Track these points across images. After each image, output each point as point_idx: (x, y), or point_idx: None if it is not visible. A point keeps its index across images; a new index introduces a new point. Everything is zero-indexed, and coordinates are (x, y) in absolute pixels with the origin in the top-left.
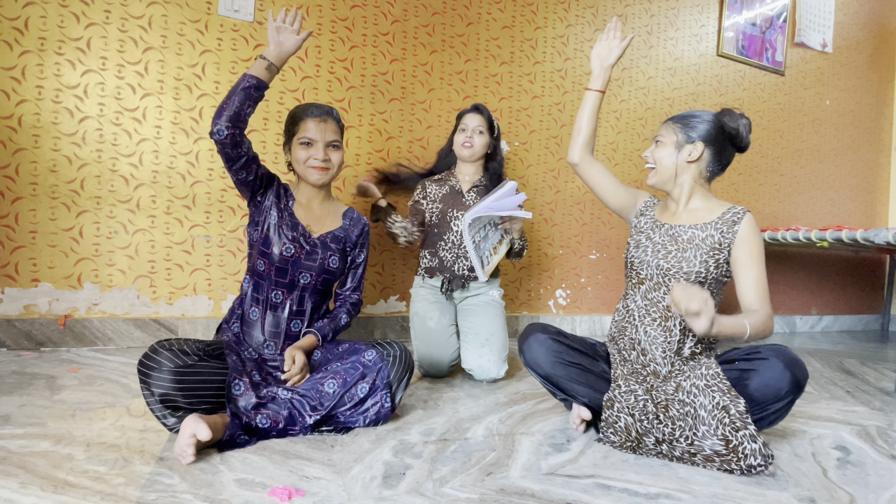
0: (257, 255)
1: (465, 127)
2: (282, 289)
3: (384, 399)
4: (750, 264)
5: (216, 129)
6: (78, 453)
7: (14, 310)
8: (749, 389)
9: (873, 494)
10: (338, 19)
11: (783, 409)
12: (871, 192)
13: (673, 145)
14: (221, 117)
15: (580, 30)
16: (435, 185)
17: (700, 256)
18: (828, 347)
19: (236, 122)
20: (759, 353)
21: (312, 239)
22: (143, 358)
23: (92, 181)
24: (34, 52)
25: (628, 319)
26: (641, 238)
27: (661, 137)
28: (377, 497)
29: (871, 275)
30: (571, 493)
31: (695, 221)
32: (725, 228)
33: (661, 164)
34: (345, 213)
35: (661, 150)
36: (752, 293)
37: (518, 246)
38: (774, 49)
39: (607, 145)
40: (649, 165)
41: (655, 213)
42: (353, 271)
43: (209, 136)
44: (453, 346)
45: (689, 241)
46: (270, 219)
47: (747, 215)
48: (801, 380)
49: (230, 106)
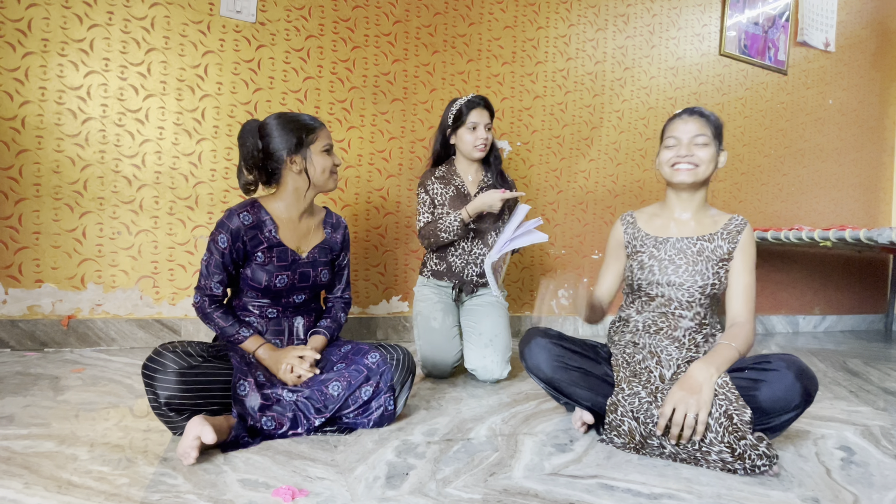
0: (246, 287)
1: (474, 125)
2: (276, 307)
3: (387, 402)
4: (743, 272)
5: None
6: (82, 454)
7: (18, 310)
8: (758, 400)
9: (877, 494)
10: (340, 20)
11: (791, 419)
12: (874, 192)
13: (714, 147)
14: (201, 317)
15: (582, 29)
16: (439, 184)
17: (712, 268)
18: (831, 347)
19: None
20: (770, 362)
21: (301, 260)
22: (147, 360)
23: (95, 182)
24: (37, 53)
25: (634, 331)
26: (644, 258)
27: (703, 138)
28: (380, 497)
29: (874, 274)
30: (575, 494)
31: (702, 232)
32: (731, 238)
33: (704, 165)
34: (324, 220)
35: (706, 151)
36: (741, 301)
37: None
38: (777, 48)
39: (609, 145)
40: (687, 165)
41: (642, 228)
42: (340, 274)
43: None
44: (457, 346)
45: (698, 253)
46: (256, 261)
47: (748, 225)
48: (811, 391)
49: (211, 327)
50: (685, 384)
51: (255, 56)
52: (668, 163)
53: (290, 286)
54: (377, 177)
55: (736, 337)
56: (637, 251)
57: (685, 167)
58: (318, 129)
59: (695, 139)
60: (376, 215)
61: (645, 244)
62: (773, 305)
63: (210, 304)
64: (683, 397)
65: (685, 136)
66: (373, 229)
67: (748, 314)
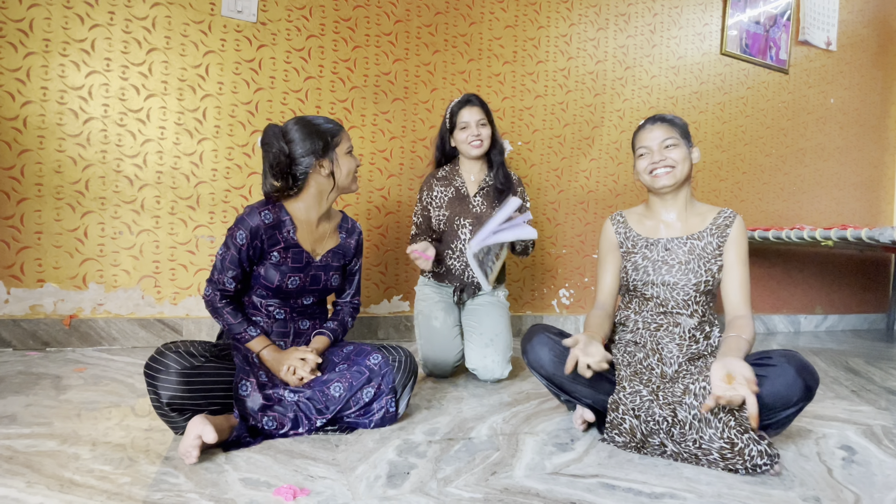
0: (257, 286)
1: (465, 124)
2: (284, 308)
3: (389, 404)
4: (736, 264)
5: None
6: (84, 453)
7: (20, 310)
8: (760, 395)
9: (879, 494)
10: (341, 19)
11: (793, 415)
12: (875, 191)
13: (684, 146)
14: (210, 310)
15: (583, 29)
16: (440, 185)
17: (704, 266)
18: (833, 346)
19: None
20: (770, 358)
21: (315, 263)
22: (149, 360)
23: (97, 182)
24: (39, 53)
25: (633, 330)
26: (637, 259)
27: (671, 140)
28: (381, 496)
29: (875, 273)
30: (576, 493)
31: (690, 231)
32: (720, 233)
33: (680, 165)
34: (340, 224)
35: (678, 151)
36: (737, 293)
37: (520, 246)
38: (778, 47)
39: (611, 144)
40: (664, 168)
41: (633, 228)
42: (351, 279)
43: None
44: (458, 346)
45: (689, 251)
46: (270, 260)
47: (738, 218)
48: (812, 387)
49: (219, 322)
50: (722, 369)
51: (256, 56)
52: (646, 171)
53: (301, 288)
54: (378, 176)
55: (743, 328)
56: (630, 251)
57: (663, 171)
58: (341, 131)
59: (664, 143)
60: (377, 214)
61: (637, 244)
62: (774, 305)
63: (221, 298)
64: (729, 363)
65: (654, 142)
66: (374, 229)
67: (746, 307)
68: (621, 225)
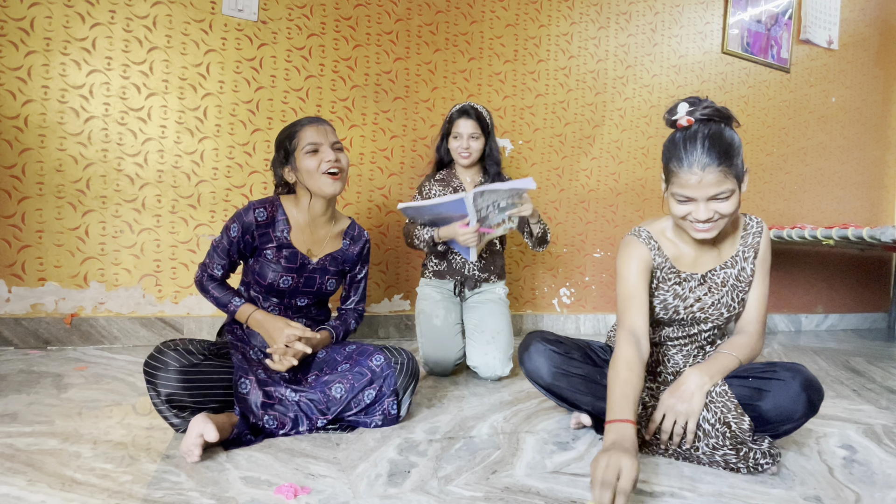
0: (252, 281)
1: (458, 134)
2: (280, 307)
3: (391, 406)
4: (758, 282)
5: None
6: (85, 451)
7: (21, 309)
8: (761, 409)
9: (879, 493)
10: (341, 18)
11: (794, 429)
12: (877, 190)
13: (738, 190)
14: (199, 289)
15: (584, 27)
16: (438, 186)
17: (738, 297)
18: (834, 346)
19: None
20: (776, 371)
21: (311, 265)
22: (148, 358)
23: (97, 181)
24: (40, 52)
25: None
26: (667, 297)
27: (725, 193)
28: (382, 495)
29: (877, 273)
30: (577, 492)
31: (723, 259)
32: (752, 252)
33: (729, 216)
34: (346, 231)
35: (729, 204)
36: (752, 310)
37: (539, 231)
38: (780, 46)
39: (611, 143)
40: (709, 224)
41: (668, 257)
42: (356, 286)
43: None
44: (459, 344)
45: (722, 284)
46: (265, 257)
47: (764, 228)
48: (816, 403)
49: (207, 299)
50: (677, 391)
51: (256, 55)
52: (683, 217)
53: (294, 288)
54: (379, 175)
55: (739, 347)
56: (660, 285)
57: (705, 226)
58: (300, 130)
59: (716, 196)
60: (378, 214)
61: (669, 278)
62: (775, 304)
63: (208, 279)
64: (674, 405)
65: (701, 194)
66: (374, 228)
67: (758, 324)
68: (657, 252)
